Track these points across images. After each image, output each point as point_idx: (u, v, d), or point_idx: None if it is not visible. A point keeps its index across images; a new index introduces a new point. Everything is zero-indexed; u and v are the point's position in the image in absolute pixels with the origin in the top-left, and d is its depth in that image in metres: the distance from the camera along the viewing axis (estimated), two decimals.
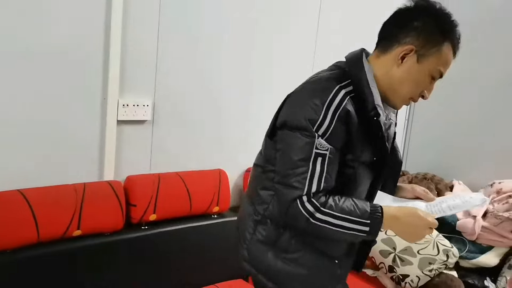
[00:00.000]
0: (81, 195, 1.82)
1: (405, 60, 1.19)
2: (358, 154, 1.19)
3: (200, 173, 2.24)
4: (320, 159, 1.14)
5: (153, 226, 2.06)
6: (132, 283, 1.96)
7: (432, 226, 1.17)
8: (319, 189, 1.15)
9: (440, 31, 1.17)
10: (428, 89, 1.23)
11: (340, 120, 1.14)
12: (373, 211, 1.16)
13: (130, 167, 2.09)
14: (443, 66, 1.20)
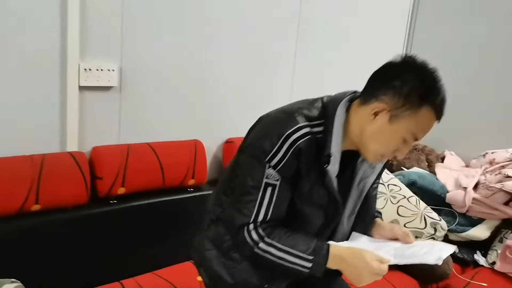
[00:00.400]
0: (39, 166, 1.68)
1: (377, 117, 1.13)
2: (306, 193, 1.18)
3: (174, 144, 2.10)
4: (270, 189, 1.15)
5: (123, 200, 1.93)
6: (99, 261, 1.84)
7: (377, 272, 1.10)
8: (266, 219, 1.16)
9: (419, 94, 1.10)
10: (399, 151, 1.17)
11: (293, 155, 1.12)
12: (317, 248, 1.14)
13: (97, 138, 1.94)
14: (418, 131, 1.13)
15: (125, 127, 2.01)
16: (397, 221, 2.25)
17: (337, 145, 1.15)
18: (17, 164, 1.66)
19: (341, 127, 1.16)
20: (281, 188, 1.15)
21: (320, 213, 1.22)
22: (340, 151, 1.16)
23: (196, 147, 2.13)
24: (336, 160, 1.15)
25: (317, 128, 1.15)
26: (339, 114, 1.16)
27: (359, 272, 1.12)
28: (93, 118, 1.92)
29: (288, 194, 1.17)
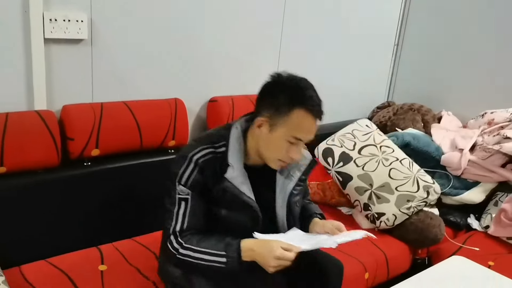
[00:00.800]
0: (2, 126, 1.56)
1: (261, 129, 1.34)
2: (218, 199, 1.35)
3: (152, 103, 1.97)
4: (183, 203, 1.35)
5: (97, 163, 1.82)
6: (74, 226, 1.75)
7: (280, 257, 1.23)
8: (183, 228, 1.34)
9: (288, 102, 1.29)
10: (294, 152, 1.34)
11: (198, 172, 1.33)
12: (229, 245, 1.31)
13: (68, 96, 1.80)
14: (297, 132, 1.31)
15: (98, 84, 1.87)
16: (388, 184, 2.15)
17: (236, 157, 1.35)
18: None
19: (236, 143, 1.37)
20: (192, 200, 1.35)
21: (242, 217, 1.38)
22: (241, 162, 1.37)
23: (177, 106, 2.00)
24: (237, 170, 1.35)
25: (220, 149, 1.37)
26: (233, 132, 1.39)
27: (266, 259, 1.25)
28: (62, 74, 1.77)
29: (200, 204, 1.36)
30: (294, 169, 1.46)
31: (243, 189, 1.36)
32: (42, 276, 1.56)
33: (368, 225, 2.15)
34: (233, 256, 1.29)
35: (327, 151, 2.35)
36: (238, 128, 1.40)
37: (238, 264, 1.29)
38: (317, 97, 1.34)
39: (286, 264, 1.25)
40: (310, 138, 1.35)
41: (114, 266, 1.65)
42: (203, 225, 1.37)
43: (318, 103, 1.33)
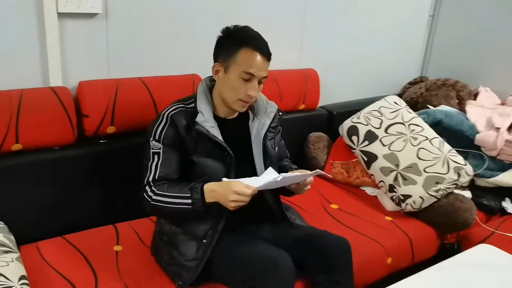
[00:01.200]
0: (17, 103, 1.55)
1: (219, 75, 1.49)
2: (192, 148, 1.48)
3: (170, 79, 1.92)
4: (156, 156, 1.47)
5: (113, 140, 1.80)
6: (91, 203, 1.75)
7: (238, 192, 1.34)
8: (155, 178, 1.45)
9: (234, 44, 1.45)
10: (250, 89, 1.45)
11: (170, 125, 1.47)
12: (193, 188, 1.41)
13: (84, 72, 1.77)
14: (246, 67, 1.43)
15: (114, 60, 1.83)
16: (416, 165, 2.04)
17: (204, 106, 1.49)
18: None
19: (203, 94, 1.52)
20: (164, 153, 1.47)
21: (216, 164, 1.49)
22: (210, 111, 1.50)
23: (195, 83, 1.94)
24: (207, 116, 1.47)
25: (190, 105, 1.51)
26: (200, 87, 1.55)
27: (225, 195, 1.36)
28: (78, 50, 1.74)
29: (172, 156, 1.47)
30: (264, 117, 1.60)
31: (213, 131, 1.47)
32: (58, 253, 1.57)
33: (393, 207, 2.05)
34: (197, 197, 1.39)
35: (352, 129, 2.25)
36: (203, 84, 1.57)
37: (203, 206, 1.39)
38: (260, 37, 1.48)
39: (244, 199, 1.35)
40: (262, 75, 1.46)
41: (129, 247, 1.64)
42: (176, 175, 1.48)
43: (263, 43, 1.47)
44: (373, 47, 2.75)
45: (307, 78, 2.38)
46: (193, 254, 1.46)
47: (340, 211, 2.02)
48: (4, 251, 1.37)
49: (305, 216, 1.87)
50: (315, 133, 2.42)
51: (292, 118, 2.35)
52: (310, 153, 2.37)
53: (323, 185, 2.26)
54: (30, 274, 1.41)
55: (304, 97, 2.37)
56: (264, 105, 1.62)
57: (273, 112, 1.62)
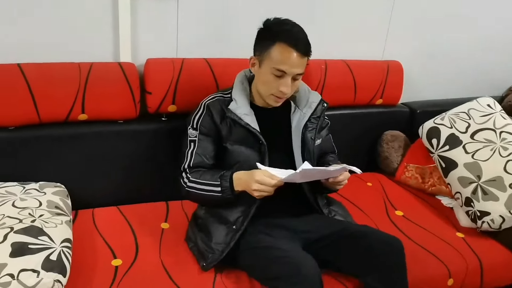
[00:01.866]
0: (86, 74, 1.63)
1: (254, 68, 1.49)
2: (226, 135, 1.50)
3: (235, 62, 1.87)
4: (192, 144, 1.51)
5: (174, 119, 1.82)
6: (146, 178, 1.80)
7: (259, 182, 1.33)
8: (190, 165, 1.50)
9: (268, 37, 1.42)
10: (282, 85, 1.42)
11: (206, 113, 1.51)
12: (222, 175, 1.43)
13: (153, 50, 1.81)
14: (279, 64, 1.39)
15: (182, 40, 1.85)
16: (501, 178, 1.77)
17: (239, 94, 1.51)
18: (64, 70, 1.62)
19: (239, 83, 1.54)
20: (200, 141, 1.51)
21: (249, 151, 1.48)
22: (245, 99, 1.51)
23: None
24: (240, 103, 1.49)
25: (227, 95, 1.53)
26: (238, 76, 1.57)
27: (248, 183, 1.35)
28: (148, 28, 1.78)
29: (207, 143, 1.51)
30: (306, 108, 1.56)
31: (246, 119, 1.47)
32: (108, 221, 1.64)
33: (468, 223, 1.81)
34: (226, 185, 1.40)
35: (432, 131, 2.03)
36: (242, 73, 1.58)
37: (231, 193, 1.40)
38: (299, 32, 1.41)
39: (267, 189, 1.33)
40: (296, 72, 1.40)
41: (176, 227, 1.65)
42: (210, 162, 1.51)
43: (300, 37, 1.40)
44: (476, 41, 2.44)
45: (389, 70, 2.18)
46: (222, 238, 1.44)
47: (405, 219, 1.84)
48: (56, 213, 1.45)
49: (362, 219, 1.74)
50: (391, 131, 2.23)
51: (366, 113, 2.20)
52: (382, 152, 2.19)
53: (391, 188, 2.08)
54: (78, 238, 1.49)
55: (383, 92, 2.19)
56: (306, 95, 1.59)
57: (315, 103, 1.58)
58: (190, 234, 1.57)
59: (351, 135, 2.17)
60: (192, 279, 1.40)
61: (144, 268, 1.43)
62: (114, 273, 1.39)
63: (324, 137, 1.67)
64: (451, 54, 2.43)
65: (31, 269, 1.19)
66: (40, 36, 1.63)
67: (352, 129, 2.17)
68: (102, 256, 1.45)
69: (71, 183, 1.66)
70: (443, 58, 2.42)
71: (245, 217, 1.45)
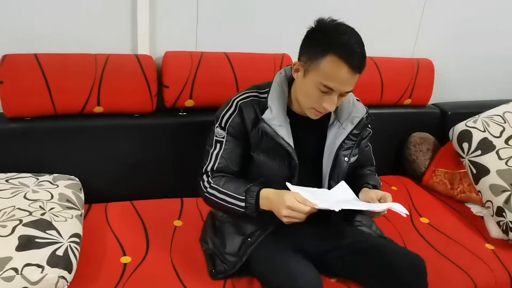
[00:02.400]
0: (102, 66, 1.60)
1: (297, 74, 1.28)
2: (255, 143, 1.35)
3: (256, 57, 1.81)
4: (218, 145, 1.37)
5: (192, 114, 1.77)
6: (160, 174, 1.76)
7: (291, 208, 1.18)
8: (213, 169, 1.37)
9: (322, 45, 1.20)
10: (326, 101, 1.24)
11: (237, 114, 1.34)
12: (249, 189, 1.29)
13: (172, 42, 1.76)
14: (327, 80, 1.20)
15: (202, 33, 1.79)
16: None
17: (276, 100, 1.32)
18: (80, 61, 1.59)
19: (278, 86, 1.35)
20: (228, 143, 1.36)
21: (280, 164, 1.34)
22: (282, 106, 1.33)
23: (283, 62, 1.81)
24: (276, 112, 1.31)
25: (263, 94, 1.36)
26: (277, 77, 1.37)
27: (278, 208, 1.21)
28: (168, 20, 1.73)
29: (235, 148, 1.36)
30: (347, 122, 1.38)
31: (281, 132, 1.31)
32: (121, 217, 1.61)
33: (499, 234, 1.69)
34: (251, 202, 1.28)
35: (464, 134, 1.91)
36: (282, 73, 1.39)
37: (256, 211, 1.28)
38: (357, 44, 1.19)
39: (299, 216, 1.19)
40: (344, 90, 1.22)
41: (189, 225, 1.60)
42: (235, 169, 1.37)
43: (357, 51, 1.18)
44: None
45: (419, 69, 2.07)
46: (235, 250, 1.37)
47: (430, 227, 1.73)
48: (67, 207, 1.43)
49: (384, 226, 1.65)
50: (419, 133, 2.11)
51: (393, 113, 2.09)
52: (409, 155, 2.08)
53: (417, 193, 1.98)
54: (89, 232, 1.47)
55: (412, 91, 2.08)
56: (349, 107, 1.39)
57: (358, 118, 1.38)
58: (204, 236, 1.51)
59: (377, 136, 2.03)
60: (201, 282, 1.35)
61: (153, 267, 1.39)
62: (122, 270, 1.35)
63: (363, 149, 1.51)
64: (487, 52, 2.29)
65: (35, 264, 1.16)
66: (58, 27, 1.61)
67: (378, 131, 2.04)
68: (111, 253, 1.42)
69: (86, 176, 1.64)
70: (478, 57, 2.28)
71: (263, 232, 1.37)
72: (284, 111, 1.33)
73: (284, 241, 1.36)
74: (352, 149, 1.39)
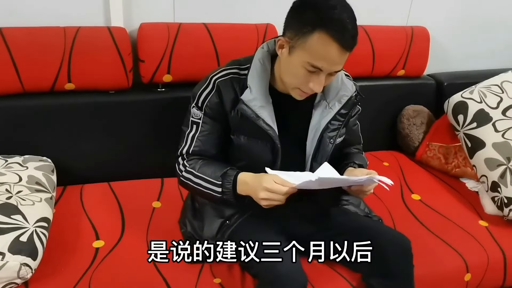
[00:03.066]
0: (71, 40, 1.50)
1: (282, 51, 1.16)
2: (236, 125, 1.25)
3: (238, 27, 1.71)
4: (194, 126, 1.27)
5: (172, 89, 1.68)
6: (139, 154, 1.68)
7: (269, 190, 1.11)
8: (189, 152, 1.28)
9: (310, 22, 1.06)
10: (313, 82, 1.13)
11: (215, 93, 1.23)
12: (225, 173, 1.21)
13: (148, 13, 1.66)
14: (315, 59, 1.09)
15: (181, 3, 1.68)
16: None
17: (256, 79, 1.20)
18: (48, 35, 1.49)
19: (259, 63, 1.22)
20: (205, 124, 1.26)
21: (262, 147, 1.24)
22: (263, 85, 1.21)
23: (267, 32, 1.71)
24: (257, 93, 1.19)
25: (244, 71, 1.24)
26: (258, 53, 1.24)
27: (256, 191, 1.13)
28: None
29: (213, 129, 1.26)
30: (334, 101, 1.26)
31: (262, 114, 1.20)
32: (97, 199, 1.54)
33: (494, 210, 1.61)
34: (228, 187, 1.20)
35: (459, 106, 1.81)
36: (265, 48, 1.25)
37: (233, 197, 1.20)
38: (350, 20, 1.06)
39: (277, 198, 1.11)
40: (333, 70, 1.11)
41: (168, 206, 1.53)
42: (213, 152, 1.29)
43: (348, 28, 1.05)
44: None
45: (413, 37, 1.95)
46: (213, 233, 1.30)
47: (421, 204, 1.66)
48: (36, 190, 1.36)
49: (374, 203, 1.58)
50: (413, 105, 2.01)
51: (386, 85, 1.99)
52: (403, 129, 1.99)
53: (409, 169, 1.90)
54: (61, 215, 1.41)
55: (405, 61, 1.97)
56: (337, 85, 1.26)
57: (346, 96, 1.27)
58: (183, 218, 1.44)
59: (368, 110, 1.92)
60: (177, 266, 1.27)
61: (127, 251, 1.33)
62: (94, 255, 1.29)
63: (351, 127, 1.40)
64: (487, 18, 2.16)
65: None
66: None
67: (370, 104, 1.93)
68: (83, 237, 1.36)
69: (60, 157, 1.57)
70: (478, 24, 2.16)
71: (241, 215, 1.30)
72: (266, 91, 1.22)
73: (265, 223, 1.28)
74: (339, 130, 1.29)
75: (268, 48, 1.25)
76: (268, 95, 1.22)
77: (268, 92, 1.22)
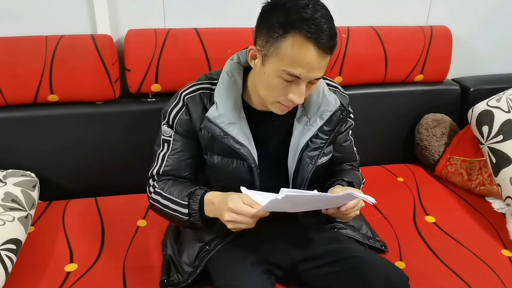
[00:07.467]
0: (53, 49, 1.43)
1: (255, 62, 1.04)
2: (208, 145, 1.15)
3: (230, 32, 1.59)
4: (166, 145, 1.18)
5: (163, 99, 1.58)
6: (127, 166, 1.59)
7: (234, 211, 0.98)
8: (159, 172, 1.18)
9: (281, 24, 0.95)
10: (293, 92, 1.00)
11: (184, 111, 1.14)
12: (192, 193, 1.11)
13: (136, 20, 1.57)
14: (291, 66, 0.96)
15: (170, 7, 1.58)
16: None
17: (224, 94, 1.11)
18: (29, 44, 1.44)
19: (227, 77, 1.12)
20: (176, 142, 1.17)
21: (235, 166, 1.14)
22: (232, 100, 1.10)
23: None
24: (224, 109, 1.09)
25: (215, 86, 1.13)
26: (226, 65, 1.14)
27: (221, 211, 1.02)
28: None
29: (183, 147, 1.17)
30: (315, 117, 1.15)
31: (232, 131, 1.09)
32: (79, 216, 1.47)
33: None
34: (194, 208, 1.08)
35: (484, 116, 1.61)
36: (234, 59, 1.14)
37: (200, 220, 1.09)
38: (325, 20, 0.94)
39: (244, 221, 0.99)
40: (313, 76, 0.98)
41: (154, 225, 1.43)
42: (186, 172, 1.18)
43: (323, 27, 0.93)
44: None
45: (432, 38, 1.76)
46: (192, 259, 1.19)
47: (435, 228, 1.46)
48: (10, 208, 1.29)
49: (380, 226, 1.42)
50: (433, 114, 1.81)
51: (401, 92, 1.81)
52: (421, 140, 1.79)
53: (427, 186, 1.70)
54: (38, 234, 1.36)
55: (424, 65, 1.77)
56: (318, 98, 1.14)
57: (329, 111, 1.14)
58: (165, 239, 1.34)
59: (382, 120, 1.80)
60: None
61: (99, 276, 1.23)
62: (63, 280, 1.20)
63: (341, 144, 1.27)
64: None
65: None
66: (5, 5, 1.45)
67: (383, 113, 1.80)
68: (57, 259, 1.28)
69: (45, 171, 1.52)
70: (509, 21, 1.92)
71: (221, 241, 1.18)
72: (236, 106, 1.11)
73: (246, 251, 1.16)
74: (323, 149, 1.15)
75: (239, 60, 1.14)
76: (239, 111, 1.11)
77: (240, 107, 1.11)
